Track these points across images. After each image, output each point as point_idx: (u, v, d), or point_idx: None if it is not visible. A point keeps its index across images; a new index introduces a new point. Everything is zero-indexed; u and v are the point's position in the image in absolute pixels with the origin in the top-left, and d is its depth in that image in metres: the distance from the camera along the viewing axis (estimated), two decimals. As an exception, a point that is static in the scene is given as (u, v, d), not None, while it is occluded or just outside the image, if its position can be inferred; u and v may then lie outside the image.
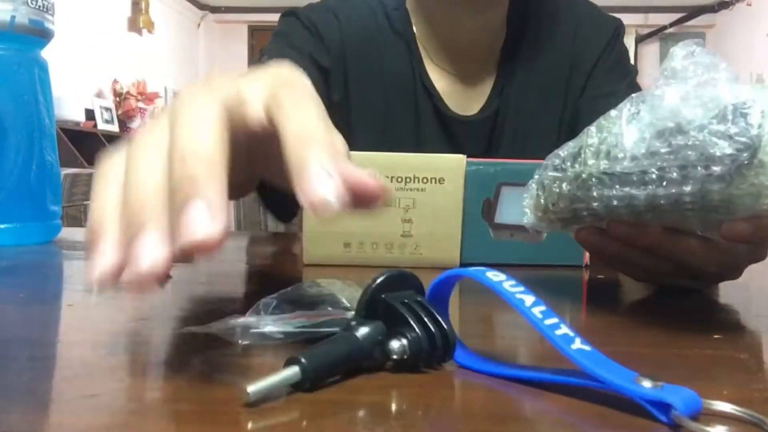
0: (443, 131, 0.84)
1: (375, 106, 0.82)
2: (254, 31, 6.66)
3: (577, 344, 0.24)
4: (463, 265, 0.54)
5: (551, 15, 0.87)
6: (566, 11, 0.87)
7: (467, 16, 0.81)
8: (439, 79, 0.83)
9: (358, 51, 0.73)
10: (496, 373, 0.26)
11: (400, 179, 0.53)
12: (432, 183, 0.53)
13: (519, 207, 0.55)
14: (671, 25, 6.21)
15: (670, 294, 0.45)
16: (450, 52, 0.83)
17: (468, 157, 0.54)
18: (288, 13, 0.87)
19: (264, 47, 0.86)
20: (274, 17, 0.91)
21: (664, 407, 0.21)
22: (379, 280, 0.27)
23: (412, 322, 0.26)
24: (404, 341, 0.26)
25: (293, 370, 0.23)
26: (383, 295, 0.27)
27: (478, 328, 0.36)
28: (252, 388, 0.22)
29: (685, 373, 0.23)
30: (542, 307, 0.25)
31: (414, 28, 0.84)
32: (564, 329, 0.24)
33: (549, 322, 0.24)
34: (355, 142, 0.85)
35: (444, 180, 0.53)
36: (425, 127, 0.83)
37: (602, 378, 0.22)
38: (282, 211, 0.86)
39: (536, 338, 0.27)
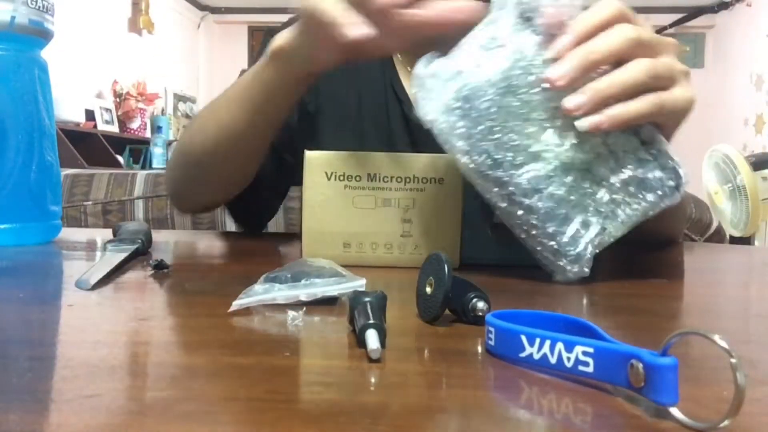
0: (409, 136, 0.84)
1: (347, 110, 0.83)
2: (254, 31, 6.66)
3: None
4: (462, 265, 0.54)
5: None
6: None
7: None
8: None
9: None
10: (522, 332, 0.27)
11: (399, 179, 0.53)
12: (431, 183, 0.53)
13: None
14: (671, 25, 6.21)
15: (670, 295, 0.46)
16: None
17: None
18: (267, 33, 0.92)
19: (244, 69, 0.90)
20: (274, 18, 0.93)
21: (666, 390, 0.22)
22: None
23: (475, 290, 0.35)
24: (485, 303, 0.34)
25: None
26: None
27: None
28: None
29: (683, 373, 0.23)
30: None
31: None
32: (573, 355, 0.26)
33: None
34: (326, 145, 0.86)
35: (443, 180, 0.53)
36: (395, 132, 0.84)
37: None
38: (249, 220, 0.87)
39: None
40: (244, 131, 0.66)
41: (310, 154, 0.53)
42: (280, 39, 0.60)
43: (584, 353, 0.25)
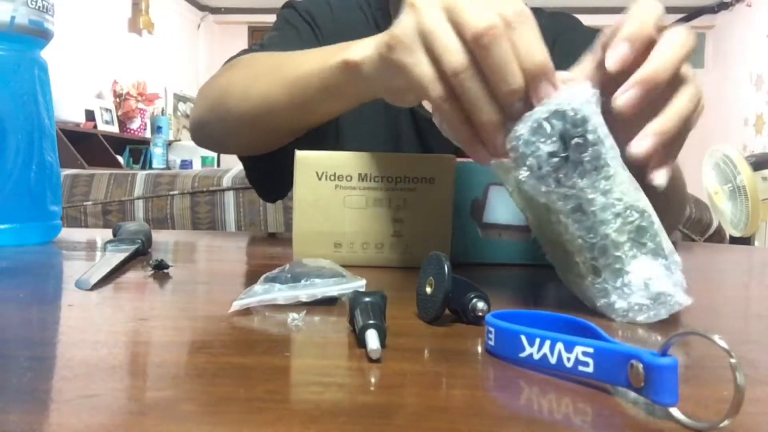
0: (415, 130, 0.84)
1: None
2: (254, 31, 6.66)
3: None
4: (461, 265, 0.54)
5: None
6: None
7: None
8: None
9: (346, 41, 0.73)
10: (522, 332, 0.27)
11: (390, 179, 0.53)
12: (422, 183, 0.53)
13: (507, 206, 0.55)
14: (671, 25, 6.20)
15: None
16: None
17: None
18: (286, 5, 0.91)
19: (265, 35, 0.88)
20: (274, 18, 0.92)
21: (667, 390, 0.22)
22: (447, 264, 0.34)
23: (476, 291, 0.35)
24: (485, 303, 0.34)
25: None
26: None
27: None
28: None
29: (683, 373, 0.23)
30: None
31: None
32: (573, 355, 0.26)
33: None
34: (342, 138, 0.84)
35: (434, 180, 0.53)
36: (401, 124, 0.84)
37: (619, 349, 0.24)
38: (267, 188, 0.86)
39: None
40: (287, 116, 0.62)
41: (300, 154, 0.53)
42: (358, 52, 0.51)
43: (584, 353, 0.25)
